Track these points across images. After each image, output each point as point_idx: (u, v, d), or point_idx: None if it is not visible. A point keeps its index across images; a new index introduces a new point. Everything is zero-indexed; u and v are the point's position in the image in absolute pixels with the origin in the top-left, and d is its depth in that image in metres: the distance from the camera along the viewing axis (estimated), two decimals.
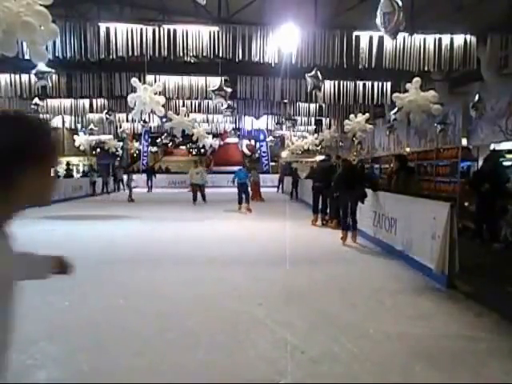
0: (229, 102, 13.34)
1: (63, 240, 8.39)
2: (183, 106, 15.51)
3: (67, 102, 15.42)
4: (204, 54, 8.77)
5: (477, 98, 10.24)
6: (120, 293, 4.84)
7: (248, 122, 19.98)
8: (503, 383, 2.95)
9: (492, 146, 10.29)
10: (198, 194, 15.67)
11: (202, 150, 32.11)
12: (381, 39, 8.61)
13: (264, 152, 33.09)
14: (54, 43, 8.11)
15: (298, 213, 12.97)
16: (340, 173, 8.44)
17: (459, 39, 8.93)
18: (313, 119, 18.93)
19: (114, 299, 4.61)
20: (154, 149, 34.64)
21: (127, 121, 18.38)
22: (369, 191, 8.12)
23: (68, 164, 24.03)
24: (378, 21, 5.87)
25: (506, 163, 9.52)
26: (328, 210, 10.39)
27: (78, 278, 5.73)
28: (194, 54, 9.01)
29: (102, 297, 4.70)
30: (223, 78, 11.68)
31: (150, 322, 3.95)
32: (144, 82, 11.16)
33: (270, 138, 26.70)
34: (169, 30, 8.65)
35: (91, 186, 20.30)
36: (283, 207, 14.47)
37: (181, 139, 25.73)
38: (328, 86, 12.52)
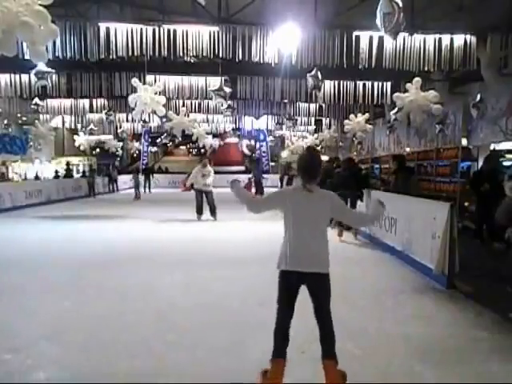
0: (229, 102, 13.35)
1: (63, 240, 8.39)
2: (183, 106, 15.51)
3: (67, 102, 15.43)
4: (204, 54, 8.78)
5: (478, 97, 10.24)
6: (120, 293, 4.84)
7: (248, 122, 20.00)
8: (504, 383, 2.95)
9: (492, 146, 10.30)
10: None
11: (202, 150, 32.12)
12: (381, 39, 8.61)
13: (264, 152, 33.11)
14: (54, 43, 8.11)
15: None
16: (339, 172, 8.54)
17: (459, 39, 8.93)
18: (313, 119, 18.94)
19: (114, 299, 4.60)
20: (154, 149, 34.64)
21: (127, 121, 18.40)
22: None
23: (68, 164, 23.98)
24: (378, 21, 5.86)
25: (505, 163, 9.51)
26: None
27: (78, 278, 5.75)
28: (194, 54, 9.02)
29: (102, 297, 4.69)
30: (223, 78, 11.68)
31: (150, 322, 3.95)
32: (144, 82, 11.16)
33: (270, 137, 26.73)
34: (169, 30, 8.65)
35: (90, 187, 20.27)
36: None
37: (181, 139, 25.70)
38: (328, 86, 12.53)
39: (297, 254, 2.67)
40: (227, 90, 11.14)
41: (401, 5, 5.71)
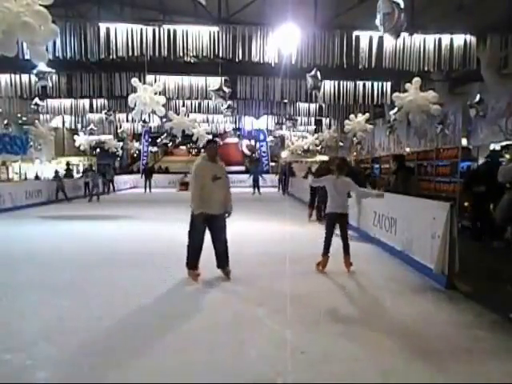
0: (229, 102, 13.35)
1: (62, 240, 8.40)
2: (183, 106, 15.50)
3: (67, 102, 15.41)
4: (204, 54, 8.76)
5: (478, 98, 10.24)
6: (119, 292, 4.85)
7: (248, 122, 19.98)
8: (503, 383, 2.95)
9: (492, 146, 10.30)
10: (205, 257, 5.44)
11: (202, 150, 32.07)
12: (381, 39, 8.60)
13: (264, 152, 33.09)
14: (54, 43, 8.11)
15: (295, 211, 12.95)
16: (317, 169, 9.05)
17: (459, 39, 8.93)
18: (313, 119, 18.93)
19: (114, 299, 4.61)
20: (154, 149, 34.62)
21: (127, 121, 18.36)
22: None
23: (68, 164, 23.94)
24: (378, 21, 5.86)
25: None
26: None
27: (77, 278, 5.75)
28: (194, 54, 9.00)
29: (102, 296, 4.70)
30: (223, 78, 11.68)
31: (150, 322, 3.95)
32: (144, 82, 11.16)
33: (270, 138, 26.69)
34: (169, 30, 8.64)
35: (85, 187, 19.88)
36: (281, 206, 14.47)
37: (181, 139, 25.69)
38: (328, 86, 12.52)
39: (333, 204, 5.83)
40: (227, 90, 11.13)
41: (402, 5, 5.70)
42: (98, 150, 27.74)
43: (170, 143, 32.37)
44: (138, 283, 5.26)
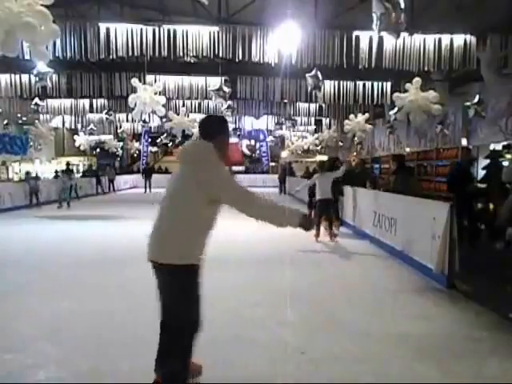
0: (229, 102, 13.34)
1: (62, 240, 8.39)
2: (183, 106, 15.50)
3: (67, 102, 15.40)
4: (204, 54, 8.75)
5: (477, 99, 10.24)
6: (119, 293, 4.84)
7: (248, 122, 19.97)
8: (503, 383, 2.95)
9: (492, 146, 10.31)
10: None
11: None
12: (381, 39, 8.59)
13: (264, 152, 33.09)
14: (54, 43, 8.10)
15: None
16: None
17: (459, 39, 8.92)
18: (313, 119, 18.92)
19: (113, 298, 4.61)
20: (154, 149, 34.60)
21: (127, 121, 18.35)
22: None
23: (68, 164, 23.89)
24: (374, 23, 5.84)
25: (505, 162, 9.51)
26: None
27: (76, 278, 5.74)
28: (194, 54, 9.00)
29: (102, 295, 4.70)
30: (223, 78, 11.68)
31: (149, 322, 3.94)
32: (144, 82, 11.16)
33: (270, 138, 26.70)
34: (169, 30, 8.64)
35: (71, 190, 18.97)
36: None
37: (181, 139, 25.67)
38: (328, 86, 12.51)
39: (320, 192, 7.93)
40: (227, 90, 11.13)
41: (402, 5, 5.68)
42: (98, 149, 27.73)
43: (170, 143, 32.34)
44: (138, 282, 5.25)
